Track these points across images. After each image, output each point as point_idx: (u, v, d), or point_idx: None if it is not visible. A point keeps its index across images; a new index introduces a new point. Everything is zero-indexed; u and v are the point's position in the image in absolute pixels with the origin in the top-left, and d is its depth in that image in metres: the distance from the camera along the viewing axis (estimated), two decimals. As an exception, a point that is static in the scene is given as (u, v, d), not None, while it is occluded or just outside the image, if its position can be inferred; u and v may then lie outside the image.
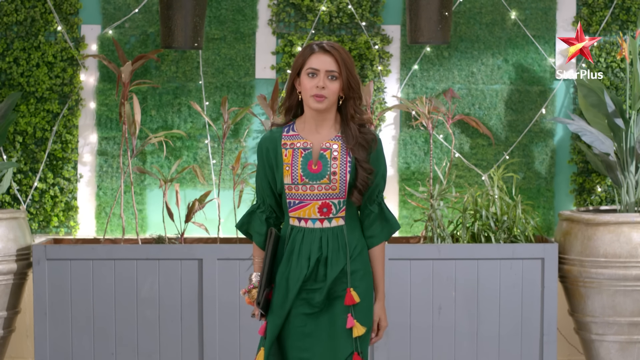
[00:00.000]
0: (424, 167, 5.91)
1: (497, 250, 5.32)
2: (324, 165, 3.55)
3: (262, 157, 3.61)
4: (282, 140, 3.58)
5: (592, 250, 5.36)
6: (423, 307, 5.34)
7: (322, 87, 3.49)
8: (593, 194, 5.92)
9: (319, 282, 3.56)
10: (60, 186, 5.83)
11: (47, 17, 5.78)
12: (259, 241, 3.66)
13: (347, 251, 3.56)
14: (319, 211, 3.56)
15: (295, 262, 3.55)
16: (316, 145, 3.57)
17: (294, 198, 3.57)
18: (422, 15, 5.53)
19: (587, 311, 5.44)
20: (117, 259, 5.25)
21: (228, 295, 5.28)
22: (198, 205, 5.45)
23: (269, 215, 3.66)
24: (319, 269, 3.56)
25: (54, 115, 5.81)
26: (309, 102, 3.52)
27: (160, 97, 5.83)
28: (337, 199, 3.57)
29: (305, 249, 3.55)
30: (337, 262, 3.55)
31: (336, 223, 3.58)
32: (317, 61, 3.51)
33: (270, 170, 3.60)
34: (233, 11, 5.84)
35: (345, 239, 3.57)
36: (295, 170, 3.55)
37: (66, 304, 5.27)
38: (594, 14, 5.91)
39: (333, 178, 3.54)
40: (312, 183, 3.54)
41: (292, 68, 3.56)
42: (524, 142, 5.93)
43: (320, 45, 3.53)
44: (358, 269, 3.59)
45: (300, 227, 3.58)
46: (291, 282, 3.55)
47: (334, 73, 3.51)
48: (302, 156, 3.56)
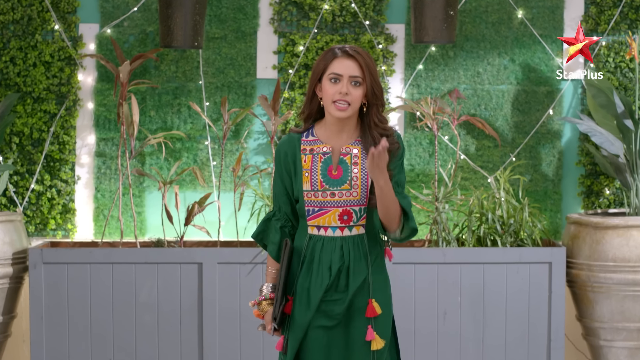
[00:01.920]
0: (429, 169, 5.91)
1: (504, 254, 5.33)
2: (345, 170, 3.47)
3: (280, 162, 3.53)
4: (301, 145, 3.51)
5: (600, 255, 5.36)
6: (428, 313, 5.35)
7: (345, 93, 3.40)
8: (601, 197, 5.93)
9: (339, 293, 3.47)
10: (58, 188, 5.82)
11: (44, 15, 5.78)
12: (273, 251, 3.57)
13: (369, 261, 3.48)
14: (339, 219, 3.48)
15: (315, 272, 3.47)
16: (336, 149, 3.50)
17: (313, 205, 3.48)
18: (427, 14, 5.54)
19: (595, 317, 5.44)
20: (115, 262, 5.26)
21: (229, 300, 5.28)
22: (198, 208, 5.46)
23: (284, 224, 3.57)
24: (340, 279, 3.47)
25: (51, 115, 5.81)
26: (330, 110, 3.44)
27: (159, 98, 5.84)
28: (358, 206, 3.48)
29: (326, 259, 3.46)
30: (359, 272, 3.47)
31: (357, 231, 3.50)
32: (340, 66, 3.42)
33: (288, 176, 3.52)
34: (234, 10, 5.85)
35: (366, 248, 3.49)
36: (315, 176, 3.47)
37: (63, 308, 5.28)
38: (602, 12, 5.90)
39: (354, 184, 3.47)
40: (333, 189, 3.46)
41: (312, 73, 3.48)
42: (531, 143, 5.94)
43: (343, 49, 3.44)
44: (377, 279, 3.51)
45: (320, 235, 3.49)
46: (312, 293, 3.46)
47: (358, 79, 3.42)
48: (322, 161, 3.48)
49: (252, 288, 5.26)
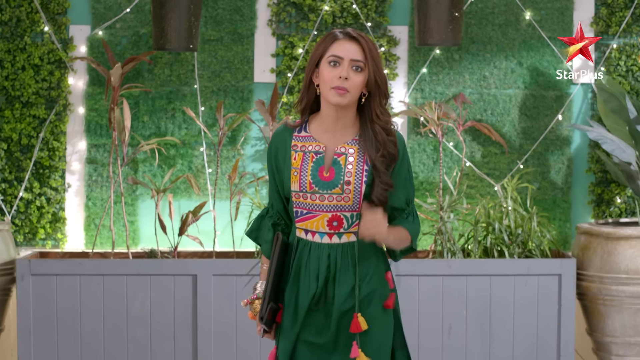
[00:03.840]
0: (433, 176, 5.88)
1: (511, 265, 5.30)
2: (337, 172, 3.32)
3: (271, 156, 3.41)
4: (292, 141, 3.36)
5: (612, 266, 5.32)
6: (432, 327, 5.30)
7: (345, 78, 3.24)
8: (612, 206, 5.89)
9: (328, 305, 3.34)
10: (47, 196, 5.80)
11: (34, 17, 5.76)
12: (267, 249, 3.46)
13: (357, 271, 3.33)
14: (328, 224, 3.34)
15: (303, 281, 3.35)
16: (330, 148, 3.35)
17: (302, 207, 3.35)
18: (431, 15, 5.52)
19: (606, 331, 5.41)
20: (106, 274, 5.23)
21: (224, 313, 5.24)
22: (192, 217, 5.44)
23: (277, 222, 3.46)
24: (328, 289, 3.34)
25: (40, 121, 5.79)
26: (328, 96, 3.28)
27: (153, 102, 5.82)
28: (350, 212, 3.34)
29: (313, 267, 3.35)
30: (344, 282, 3.34)
31: (347, 239, 3.36)
32: (341, 48, 3.27)
33: (278, 173, 3.40)
34: (230, 11, 5.83)
35: (355, 258, 3.34)
36: (304, 176, 3.33)
37: (52, 322, 5.24)
38: (613, 14, 5.87)
39: (346, 188, 3.32)
40: (322, 192, 3.32)
41: (310, 58, 3.33)
42: (539, 150, 5.91)
43: (344, 31, 3.30)
44: (373, 291, 3.36)
45: (307, 240, 3.36)
46: (300, 303, 3.35)
47: (360, 63, 3.27)
48: (313, 161, 3.34)
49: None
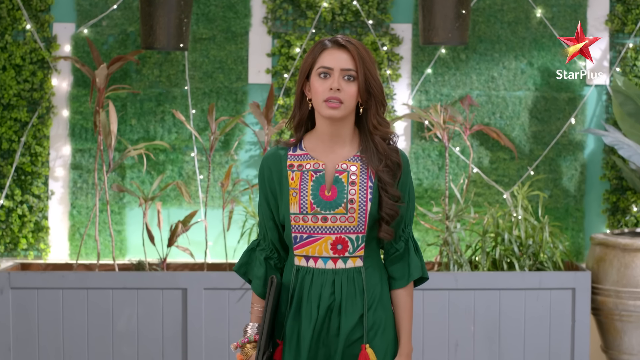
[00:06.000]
0: (439, 183, 5.81)
1: (522, 279, 5.26)
2: (340, 191, 3.19)
3: (264, 180, 3.27)
4: (287, 160, 3.24)
5: (629, 280, 5.26)
6: (438, 344, 5.27)
7: (336, 89, 3.15)
8: (628, 214, 5.85)
9: (331, 337, 3.19)
10: (29, 204, 5.74)
11: (15, 14, 5.71)
12: (258, 286, 3.30)
13: (365, 298, 3.20)
14: (332, 248, 3.19)
15: (305, 313, 3.21)
16: (330, 166, 3.22)
17: (301, 231, 3.20)
18: (436, 12, 5.47)
19: (623, 348, 5.35)
20: (90, 288, 5.19)
21: (216, 330, 5.19)
22: (182, 228, 5.42)
23: (269, 255, 3.31)
24: (332, 319, 3.20)
25: (22, 124, 5.73)
26: (320, 109, 3.17)
27: (141, 105, 5.77)
28: (355, 234, 3.20)
29: (315, 295, 3.20)
30: (352, 311, 3.19)
31: (352, 264, 3.21)
32: (330, 58, 3.17)
33: (273, 197, 3.25)
34: (223, 8, 5.79)
35: (363, 284, 3.21)
36: (304, 196, 3.19)
37: (33, 338, 5.20)
38: (629, 11, 5.83)
39: (350, 207, 3.18)
40: (325, 213, 3.18)
41: (300, 71, 3.25)
42: (551, 155, 5.87)
43: (333, 39, 3.20)
44: (379, 321, 3.22)
45: (309, 267, 3.21)
46: (303, 337, 3.20)
47: (351, 72, 3.17)
48: (313, 180, 3.21)
49: (241, 317, 5.17)
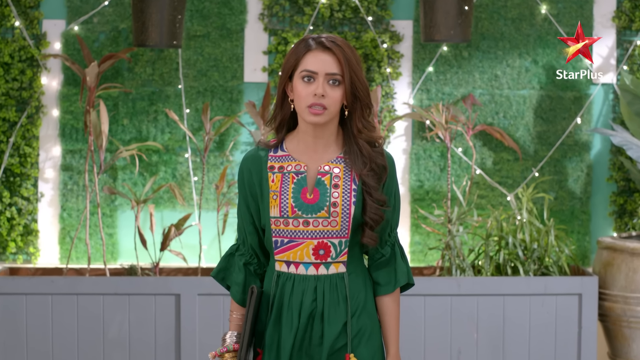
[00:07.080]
0: (440, 185, 5.80)
1: (527, 284, 5.24)
2: (322, 194, 3.13)
3: (244, 182, 3.21)
4: (268, 162, 3.19)
5: (638, 285, 5.25)
6: (440, 351, 5.25)
7: (321, 95, 3.08)
8: (635, 217, 5.81)
9: (314, 346, 3.12)
10: (18, 207, 5.72)
11: (3, 10, 5.67)
12: (237, 293, 3.22)
13: (348, 305, 3.13)
14: (313, 253, 3.13)
15: (285, 321, 3.15)
16: (312, 168, 3.17)
17: (282, 235, 3.14)
18: (438, 9, 5.46)
19: (631, 355, 5.34)
20: (80, 293, 5.17)
21: (210, 336, 5.16)
22: (175, 231, 5.36)
23: (249, 261, 3.23)
24: (314, 328, 3.13)
25: (10, 124, 5.71)
26: (303, 115, 3.11)
27: (133, 104, 5.74)
28: (338, 239, 3.13)
29: (296, 302, 3.13)
30: (335, 318, 3.13)
31: (335, 270, 3.15)
32: (315, 61, 3.09)
33: (253, 200, 3.18)
34: (218, 4, 5.77)
35: (346, 291, 3.15)
36: (285, 199, 3.13)
37: (21, 345, 5.18)
38: (636, 7, 5.78)
39: (333, 211, 3.12)
40: (307, 217, 3.12)
41: (282, 70, 3.17)
42: (556, 156, 5.84)
43: (318, 40, 3.11)
44: (364, 328, 3.15)
45: (290, 273, 3.15)
46: (283, 346, 3.14)
47: (336, 77, 3.10)
48: (294, 182, 3.15)
49: (236, 323, 5.07)
